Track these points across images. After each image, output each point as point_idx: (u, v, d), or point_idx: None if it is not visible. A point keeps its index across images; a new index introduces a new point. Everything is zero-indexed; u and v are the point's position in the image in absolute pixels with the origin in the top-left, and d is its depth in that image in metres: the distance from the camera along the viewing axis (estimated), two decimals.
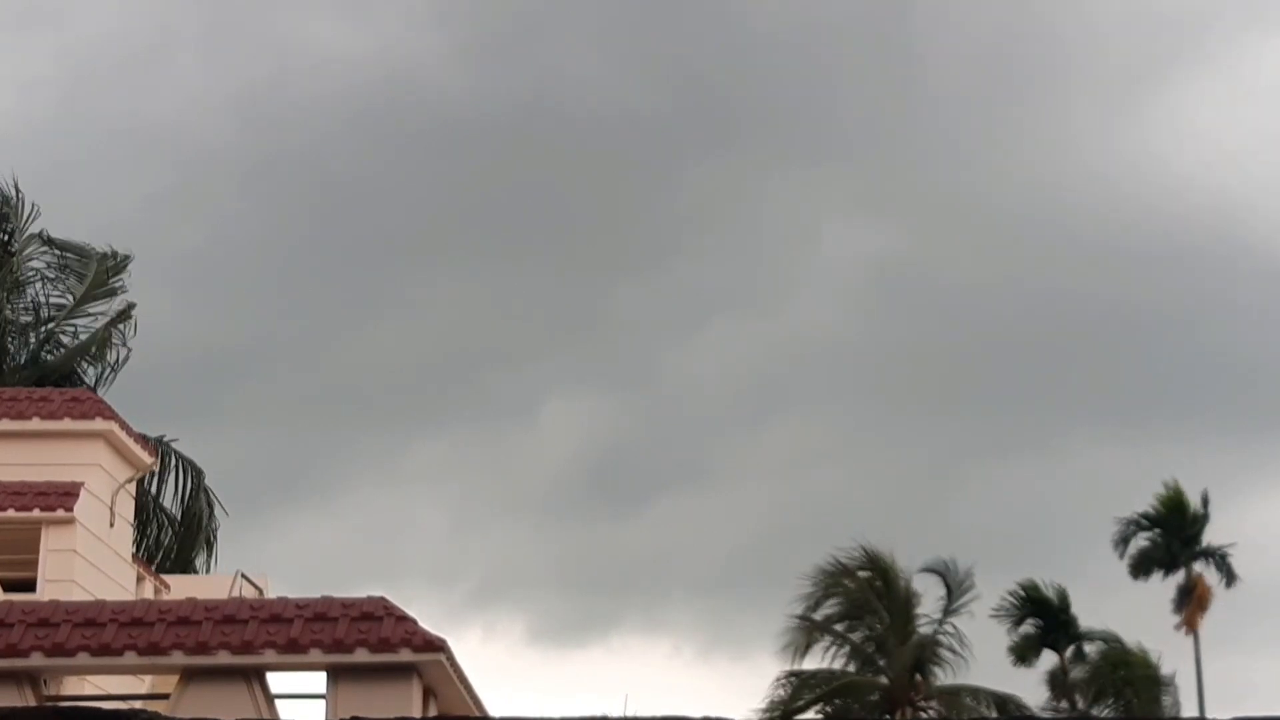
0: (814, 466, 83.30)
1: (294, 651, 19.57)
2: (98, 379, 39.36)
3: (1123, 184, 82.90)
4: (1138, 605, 56.58)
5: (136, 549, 29.99)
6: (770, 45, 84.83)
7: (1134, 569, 55.28)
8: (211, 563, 38.56)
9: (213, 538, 38.75)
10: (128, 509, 27.38)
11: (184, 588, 28.14)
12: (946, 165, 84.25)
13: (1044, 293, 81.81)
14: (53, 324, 39.97)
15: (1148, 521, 55.52)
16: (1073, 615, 50.78)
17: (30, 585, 24.51)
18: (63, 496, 25.13)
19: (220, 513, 38.82)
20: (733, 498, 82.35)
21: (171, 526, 38.28)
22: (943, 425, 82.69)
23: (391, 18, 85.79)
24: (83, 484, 25.43)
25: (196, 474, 38.40)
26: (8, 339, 39.67)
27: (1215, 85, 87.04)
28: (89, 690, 22.04)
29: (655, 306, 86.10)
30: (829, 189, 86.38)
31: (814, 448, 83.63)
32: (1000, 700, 43.25)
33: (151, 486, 37.10)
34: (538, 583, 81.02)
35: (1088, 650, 50.38)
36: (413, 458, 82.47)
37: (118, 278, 40.46)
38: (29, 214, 40.53)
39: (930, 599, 43.93)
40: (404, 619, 19.91)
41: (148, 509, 36.42)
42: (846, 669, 43.48)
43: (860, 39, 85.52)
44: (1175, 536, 54.80)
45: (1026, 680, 50.19)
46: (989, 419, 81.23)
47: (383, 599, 20.24)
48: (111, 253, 40.68)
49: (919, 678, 42.81)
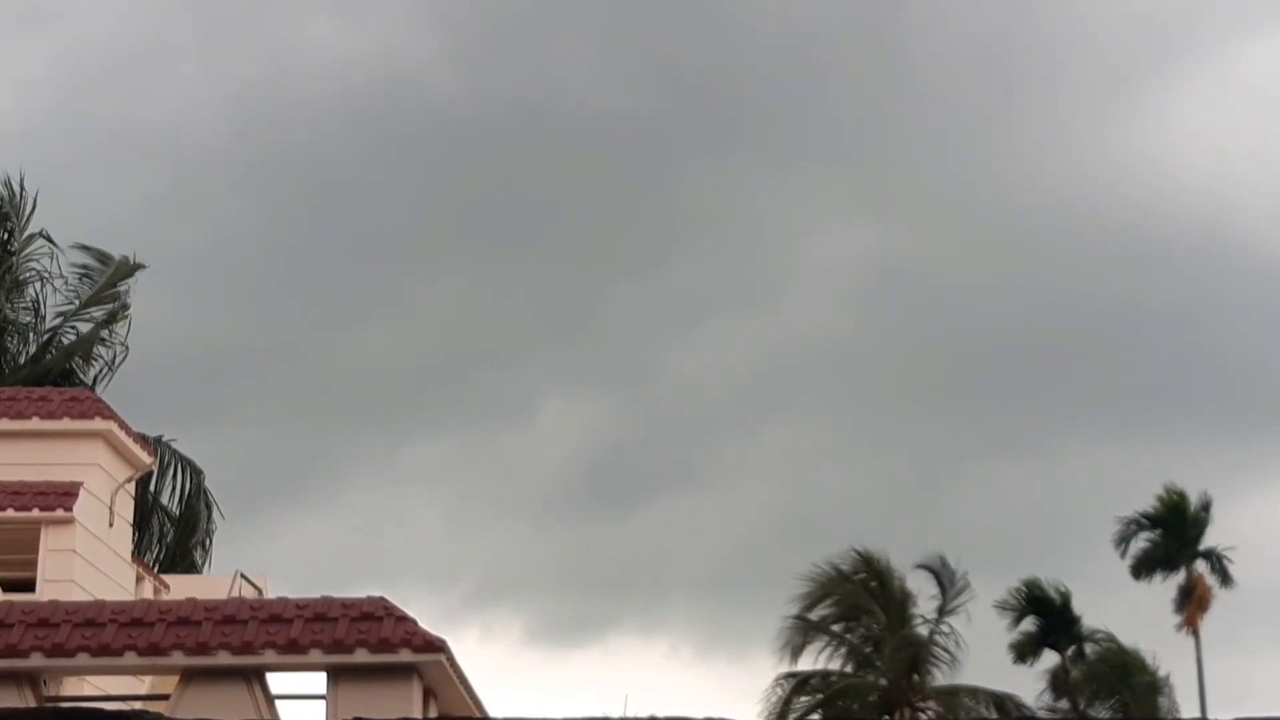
0: (812, 466, 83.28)
1: (294, 652, 19.53)
2: (96, 378, 39.29)
3: (1115, 184, 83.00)
4: (1138, 605, 56.60)
5: (136, 549, 29.90)
6: (765, 46, 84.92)
7: (1135, 569, 55.28)
8: (208, 564, 38.52)
9: (210, 540, 38.71)
10: (127, 509, 27.34)
11: (183, 588, 28.11)
12: (941, 165, 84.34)
13: (1040, 292, 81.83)
14: (60, 320, 39.92)
15: (1148, 522, 55.53)
16: (1074, 614, 50.77)
17: (30, 585, 24.48)
18: (62, 496, 25.09)
19: (218, 515, 38.81)
20: (730, 498, 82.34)
21: (171, 523, 38.22)
22: (940, 425, 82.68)
23: (388, 19, 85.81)
24: (82, 484, 25.39)
25: (196, 474, 38.35)
26: (7, 338, 39.61)
27: (1205, 86, 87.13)
28: (88, 691, 22.00)
29: (652, 306, 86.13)
30: (824, 189, 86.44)
31: (812, 447, 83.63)
32: (998, 699, 43.24)
33: (152, 485, 37.02)
34: (535, 583, 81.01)
35: (1088, 650, 50.39)
36: (410, 458, 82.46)
37: (125, 281, 40.41)
38: (30, 213, 40.51)
39: (926, 599, 43.92)
40: (404, 619, 19.88)
41: (147, 509, 36.35)
42: (844, 669, 43.43)
43: (854, 40, 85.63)
44: (1176, 537, 54.81)
45: (1027, 680, 50.23)
46: (986, 419, 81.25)
47: (383, 599, 20.20)
48: (127, 259, 40.61)
49: (916, 678, 42.75)
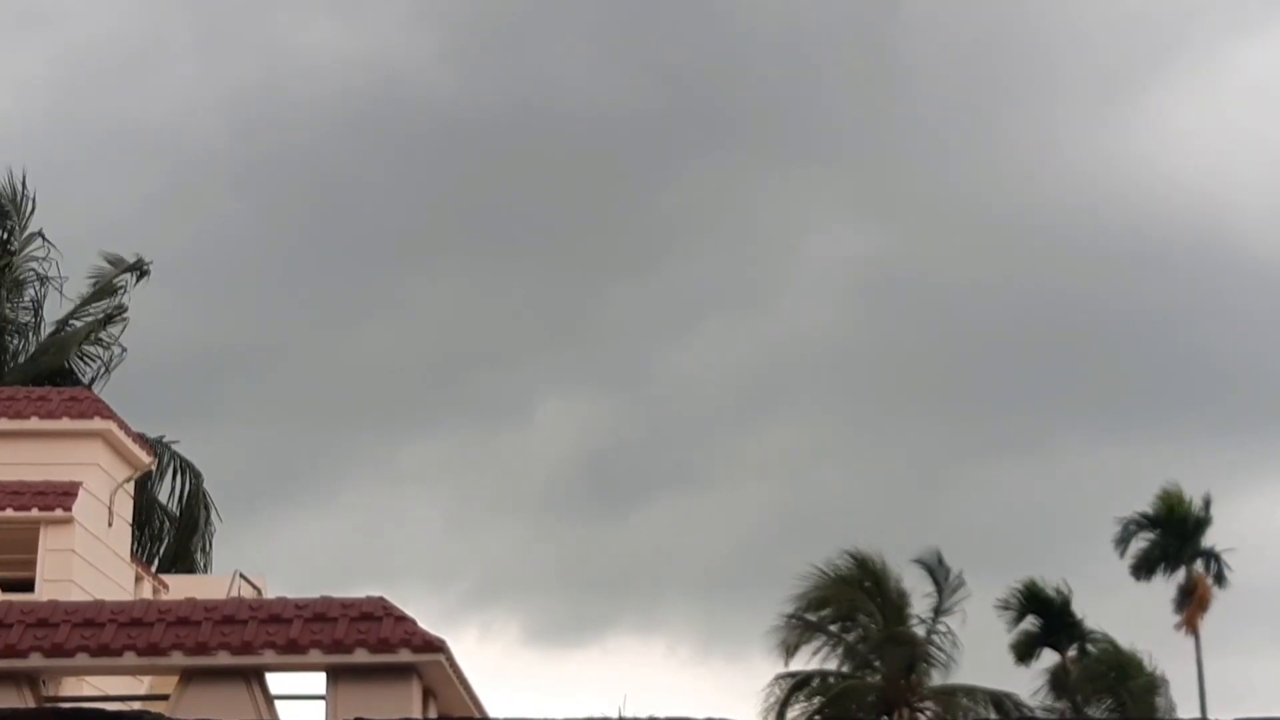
0: (811, 466, 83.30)
1: (293, 652, 19.51)
2: (95, 378, 39.24)
3: (1112, 185, 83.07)
4: (1138, 606, 56.60)
5: (135, 551, 29.87)
6: (763, 46, 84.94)
7: (1135, 569, 55.29)
8: (209, 566, 38.43)
9: (209, 543, 38.66)
10: (126, 509, 27.31)
11: (183, 588, 28.10)
12: (938, 166, 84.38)
13: (1037, 293, 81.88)
14: (60, 321, 39.87)
15: (1147, 522, 55.53)
16: (1074, 614, 50.78)
17: (29, 585, 24.46)
18: (61, 496, 25.07)
19: (216, 518, 38.76)
20: (729, 498, 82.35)
21: (170, 523, 38.17)
22: (938, 425, 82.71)
23: (384, 19, 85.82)
24: (81, 484, 25.38)
25: (195, 477, 38.31)
26: (7, 338, 39.57)
27: (1201, 87, 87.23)
28: (88, 691, 21.98)
29: (649, 306, 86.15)
30: (823, 189, 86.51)
31: (810, 447, 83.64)
32: (996, 698, 43.24)
33: (151, 485, 36.97)
34: (534, 583, 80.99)
35: (1088, 650, 50.40)
36: (408, 458, 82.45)
37: (121, 278, 40.34)
38: (30, 213, 40.47)
39: (922, 599, 43.86)
40: (403, 619, 19.86)
41: (146, 509, 36.30)
42: (841, 669, 43.40)
43: (852, 40, 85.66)
44: (1175, 537, 54.82)
45: (1026, 680, 50.21)
46: (984, 419, 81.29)
47: (382, 599, 20.18)
48: (135, 259, 40.55)
49: (914, 678, 42.73)
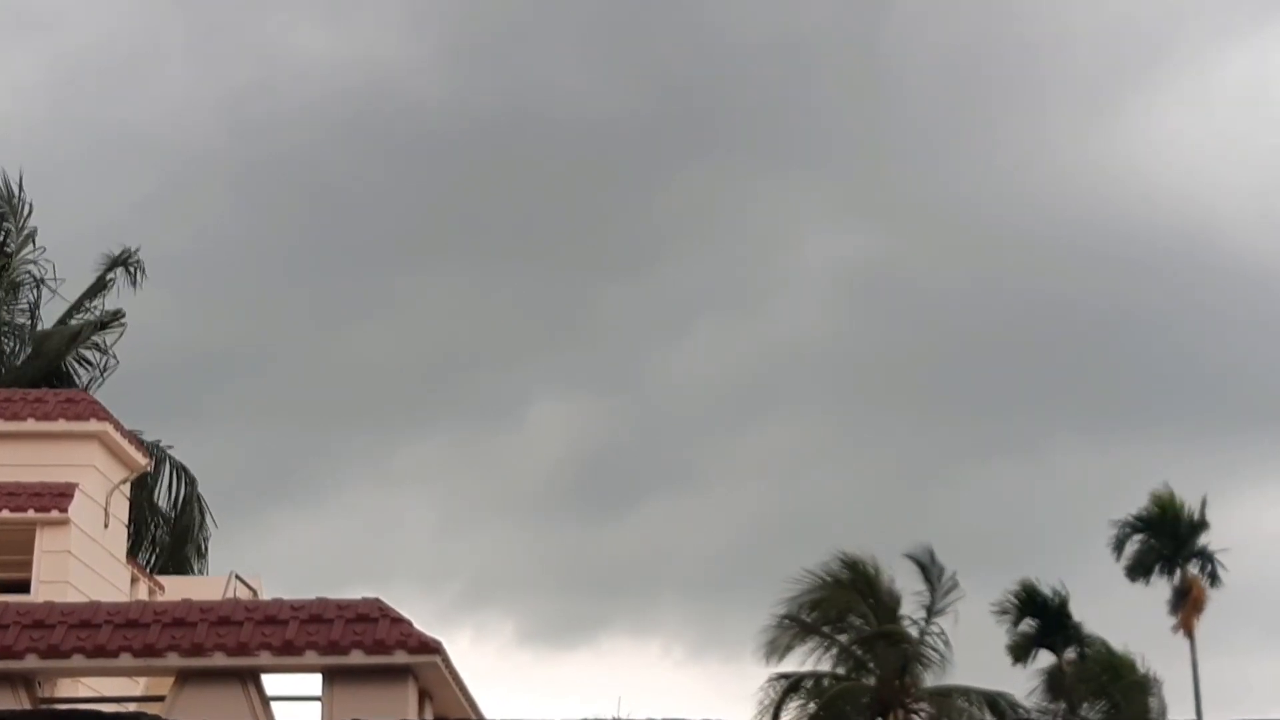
0: (801, 468, 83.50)
1: (289, 653, 19.50)
2: (91, 380, 39.24)
3: (1099, 189, 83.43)
4: (1133, 607, 56.68)
5: (130, 555, 29.86)
6: (753, 51, 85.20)
7: (1129, 571, 55.35)
8: (204, 570, 38.40)
9: (204, 548, 38.64)
10: (122, 510, 27.33)
11: (178, 589, 28.11)
12: (927, 170, 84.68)
13: (1026, 296, 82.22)
14: (64, 318, 39.85)
15: (1141, 524, 55.58)
16: (1070, 615, 50.82)
17: (25, 586, 24.48)
18: (57, 497, 25.09)
19: (211, 523, 38.75)
20: (722, 499, 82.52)
21: (166, 526, 38.16)
22: (930, 427, 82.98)
23: (375, 24, 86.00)
24: (77, 485, 25.40)
25: (190, 481, 38.30)
26: (3, 340, 39.54)
27: (1186, 92, 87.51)
28: (83, 692, 21.99)
29: (642, 308, 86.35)
30: (813, 193, 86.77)
31: (801, 449, 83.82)
32: (991, 699, 43.25)
33: (146, 489, 36.95)
34: (528, 584, 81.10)
35: (1085, 652, 50.47)
36: (402, 459, 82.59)
37: (111, 272, 40.30)
38: (27, 215, 40.44)
39: (914, 602, 43.80)
40: (399, 621, 19.85)
41: (141, 513, 36.29)
42: (835, 670, 43.38)
43: (840, 45, 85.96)
44: (1169, 539, 54.88)
45: (1021, 681, 50.27)
46: (975, 421, 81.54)
47: (378, 600, 20.17)
48: (121, 251, 40.53)
49: (908, 679, 42.72)
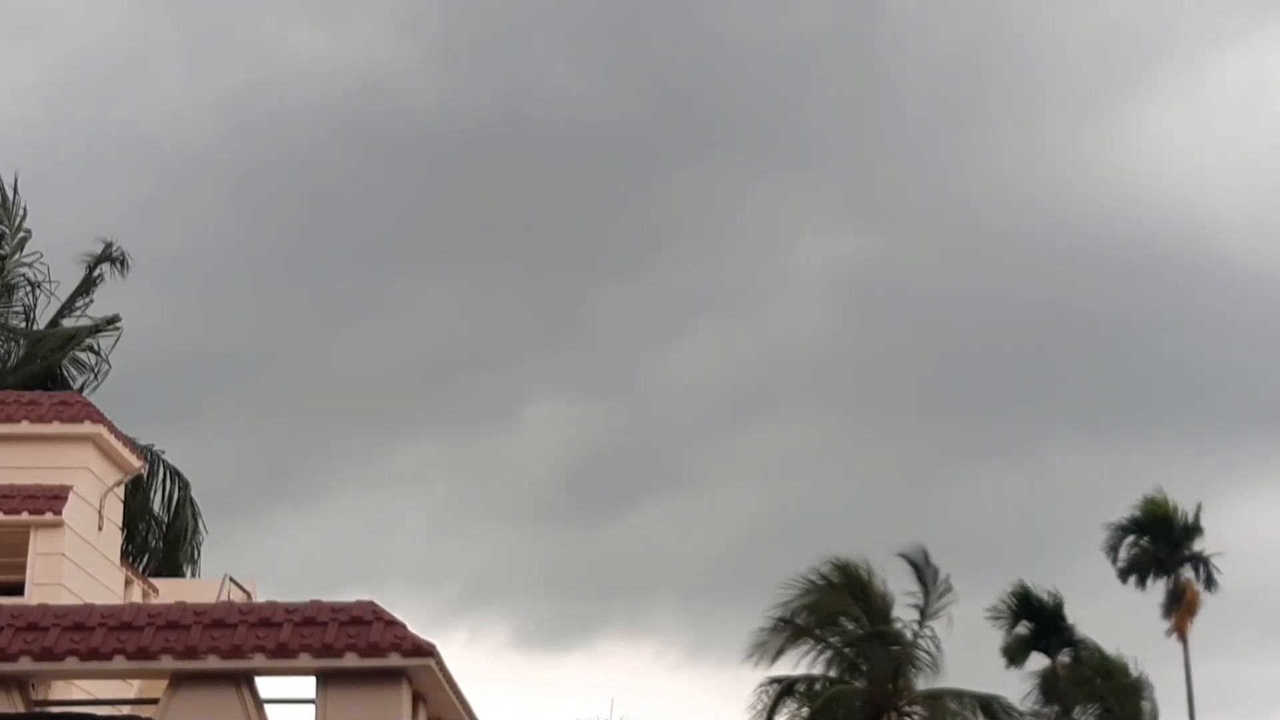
0: (796, 470, 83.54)
1: (283, 656, 19.51)
2: (85, 383, 39.22)
3: (1093, 193, 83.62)
4: (1126, 610, 56.74)
5: (124, 553, 29.87)
6: (748, 55, 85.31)
7: (1123, 574, 55.40)
8: (197, 575, 38.37)
9: (196, 552, 38.63)
10: (116, 512, 27.33)
11: (172, 591, 28.12)
12: (922, 173, 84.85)
13: (1021, 299, 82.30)
14: (56, 318, 39.81)
15: (1136, 527, 55.63)
16: (1065, 618, 50.83)
17: (18, 589, 24.48)
18: (51, 500, 25.08)
19: (203, 527, 38.73)
20: (717, 501, 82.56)
21: (160, 529, 38.14)
22: (925, 429, 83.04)
23: (371, 26, 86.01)
24: (71, 487, 25.39)
25: (184, 485, 38.28)
26: None
27: (1180, 96, 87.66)
28: (77, 695, 22.00)
29: (638, 310, 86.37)
30: (807, 196, 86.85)
31: (796, 452, 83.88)
32: (984, 701, 43.24)
33: (140, 492, 36.91)
34: (523, 586, 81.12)
35: (1080, 655, 50.48)
36: (397, 461, 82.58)
37: (99, 269, 40.26)
38: (21, 218, 40.41)
39: (908, 606, 43.75)
40: (393, 623, 19.86)
41: (135, 517, 36.26)
42: (828, 674, 43.36)
43: (834, 49, 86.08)
44: (1164, 542, 54.93)
45: (1015, 684, 50.29)
46: (971, 424, 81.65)
47: (372, 603, 20.18)
48: (101, 245, 40.51)
49: (901, 682, 42.70)
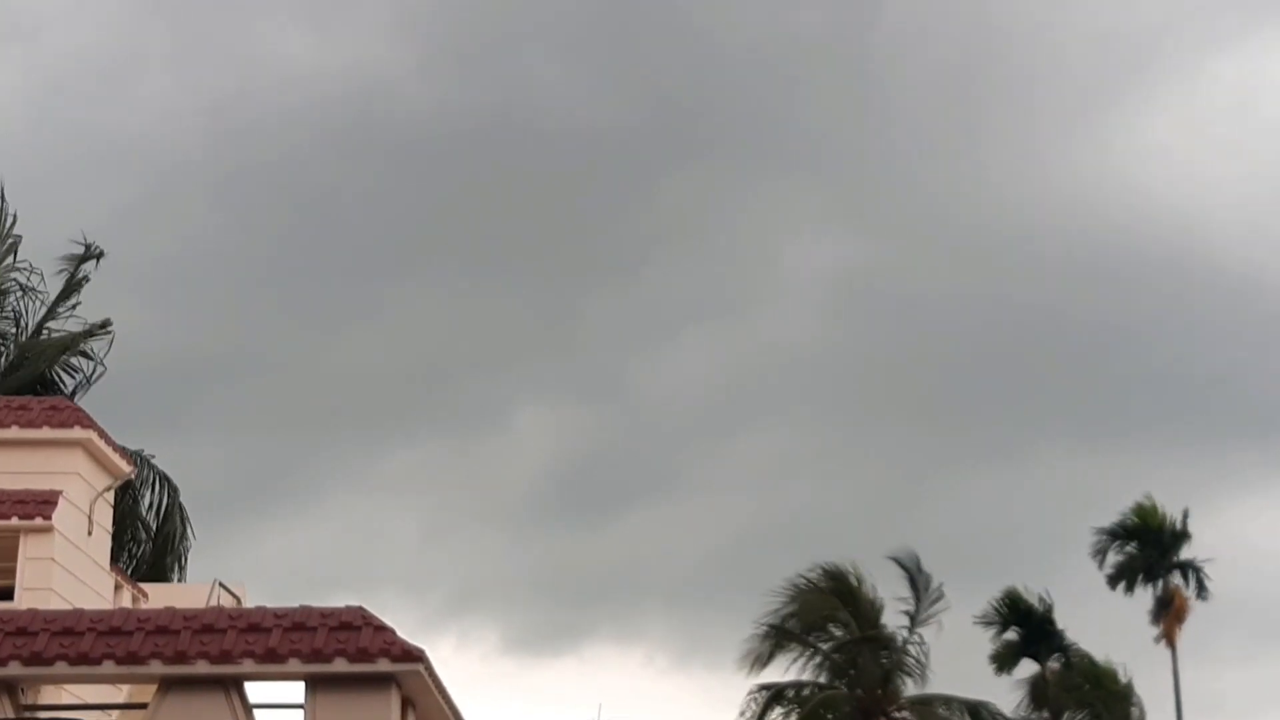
0: (786, 476, 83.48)
1: (272, 661, 19.55)
2: (77, 386, 39.22)
3: (1086, 198, 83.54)
4: (1115, 617, 56.75)
5: (113, 558, 29.88)
6: (740, 60, 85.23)
7: (1112, 580, 55.44)
8: (183, 580, 38.37)
9: (184, 558, 38.64)
10: (106, 518, 27.36)
11: (162, 597, 28.15)
12: (914, 179, 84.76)
13: (1012, 304, 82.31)
14: (42, 321, 39.80)
15: (1124, 533, 55.69)
16: (1055, 624, 50.82)
17: (8, 594, 24.51)
18: (41, 505, 25.12)
19: (191, 533, 38.73)
20: (706, 507, 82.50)
21: (148, 535, 38.14)
22: (915, 436, 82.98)
23: (360, 31, 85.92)
24: (61, 492, 25.42)
25: (173, 491, 38.29)
26: None
27: (1174, 102, 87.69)
28: (66, 699, 22.02)
29: (628, 316, 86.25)
30: (798, 201, 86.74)
31: (786, 458, 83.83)
32: (973, 707, 43.31)
33: (129, 498, 36.92)
34: (512, 592, 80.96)
35: (1070, 661, 50.48)
36: (386, 467, 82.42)
37: (83, 268, 40.27)
38: (10, 225, 40.40)
39: (898, 606, 43.81)
40: (382, 629, 19.91)
41: (124, 522, 36.26)
42: (817, 680, 43.40)
43: (827, 55, 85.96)
44: (1152, 549, 54.98)
45: (1004, 690, 50.29)
46: (960, 430, 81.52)
47: (361, 609, 20.23)
48: (82, 246, 40.53)
49: (890, 688, 42.76)
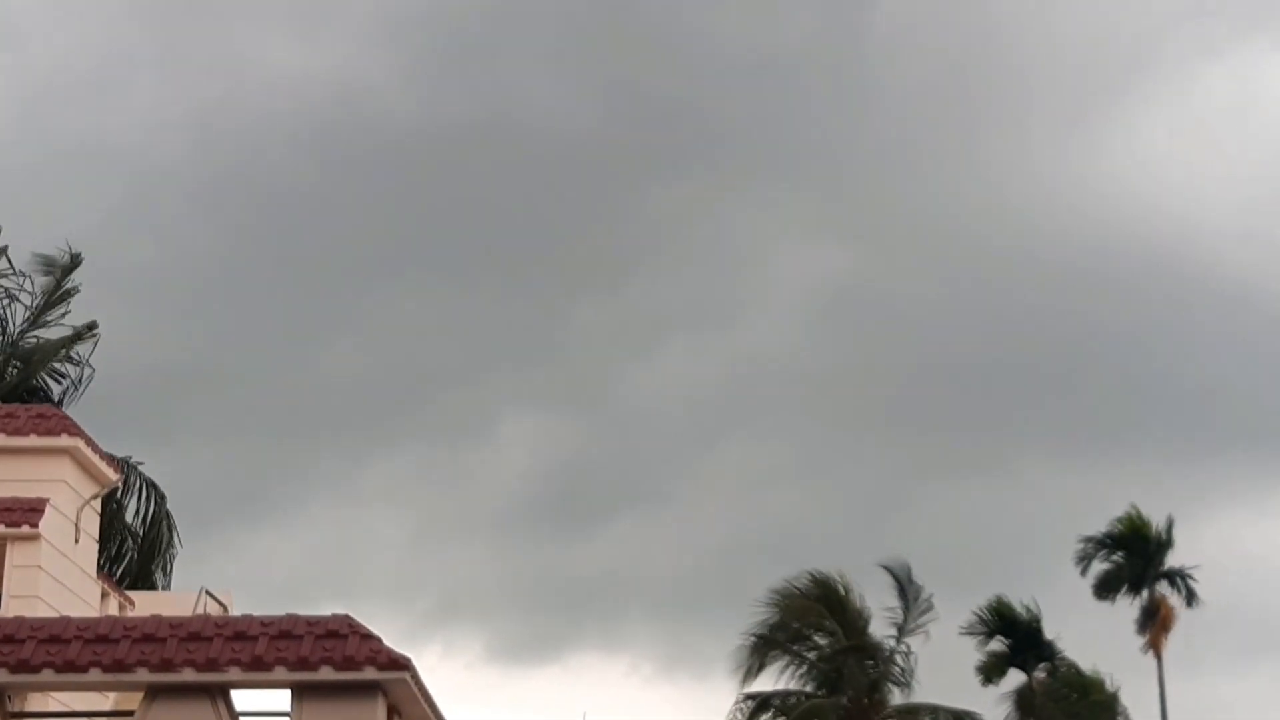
0: (770, 486, 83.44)
1: (259, 669, 19.61)
2: (65, 391, 39.24)
3: (1078, 206, 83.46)
4: (1100, 626, 56.78)
5: (102, 565, 29.93)
6: (727, 66, 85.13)
7: (1097, 590, 55.49)
8: (169, 587, 38.37)
9: (170, 564, 38.65)
10: (93, 525, 27.37)
11: (149, 604, 28.17)
12: (900, 187, 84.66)
13: (1000, 313, 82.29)
14: (26, 330, 39.80)
15: (1111, 542, 55.75)
16: (1043, 634, 50.81)
17: None
18: (28, 512, 25.13)
19: (178, 540, 38.74)
20: (690, 516, 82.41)
21: (135, 542, 38.15)
22: (901, 444, 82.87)
23: (345, 37, 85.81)
24: (48, 500, 25.44)
25: (160, 498, 38.31)
26: None
27: (1168, 107, 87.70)
28: (53, 707, 22.05)
29: (611, 326, 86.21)
30: (784, 210, 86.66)
31: (770, 467, 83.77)
32: (959, 716, 43.40)
33: (116, 504, 36.93)
34: (496, 600, 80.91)
35: (1057, 670, 50.50)
36: (371, 475, 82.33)
37: (69, 276, 40.26)
38: None
39: (886, 615, 43.87)
40: (369, 637, 19.96)
41: (110, 528, 36.26)
42: (804, 689, 43.44)
43: (815, 61, 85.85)
44: (1139, 558, 55.05)
45: (991, 701, 50.33)
46: (947, 439, 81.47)
47: (347, 617, 20.28)
48: (68, 254, 40.51)
49: (877, 697, 42.82)
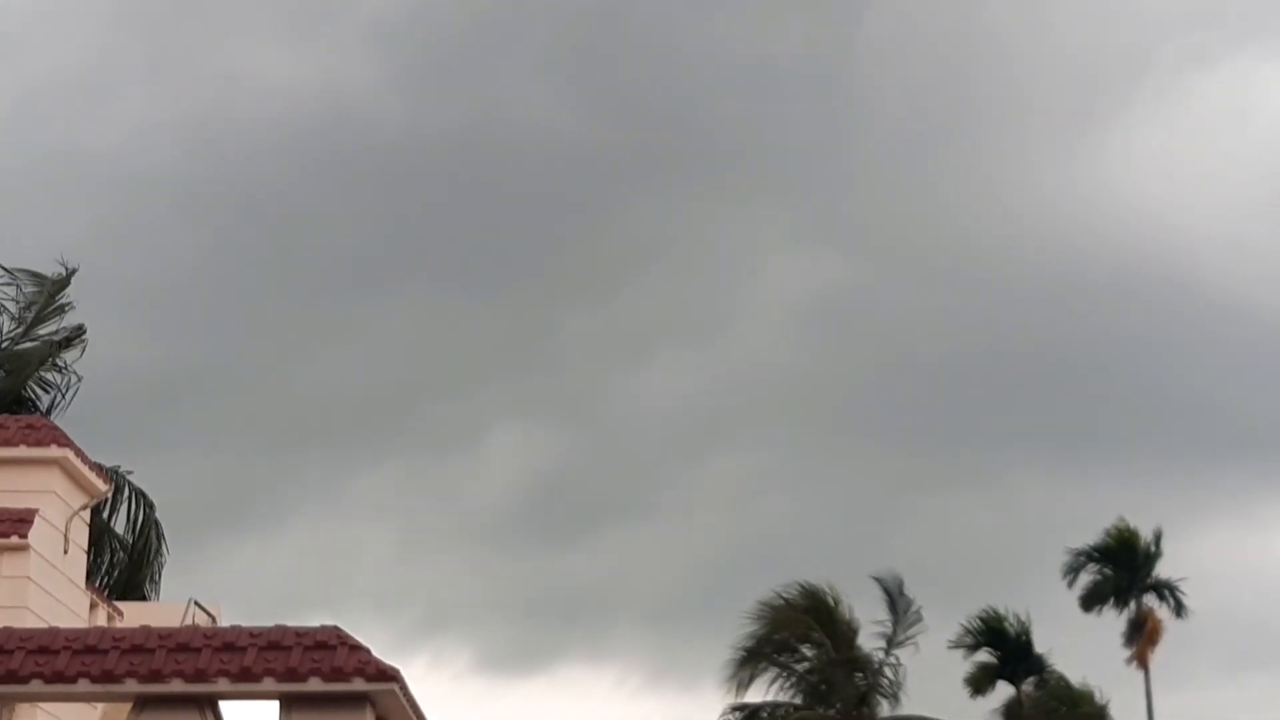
0: (760, 497, 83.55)
1: (247, 680, 19.61)
2: (52, 406, 39.19)
3: (1070, 218, 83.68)
4: (1088, 639, 56.90)
5: (91, 575, 29.93)
6: (716, 79, 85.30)
7: (1084, 602, 55.58)
8: (157, 596, 38.36)
9: (158, 573, 38.62)
10: (82, 536, 27.38)
11: (137, 615, 28.17)
12: (890, 198, 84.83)
13: (989, 324, 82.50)
14: (6, 344, 39.75)
15: (1098, 555, 55.82)
16: (1032, 646, 50.80)
17: None
18: (17, 523, 25.11)
19: (166, 550, 38.70)
20: (679, 527, 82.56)
21: (124, 552, 38.14)
22: (890, 456, 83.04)
23: (334, 47, 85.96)
24: (37, 511, 25.44)
25: (149, 507, 38.30)
26: None
27: (1161, 118, 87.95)
28: (42, 718, 22.07)
29: (600, 336, 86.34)
30: (774, 221, 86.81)
31: (760, 478, 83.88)
32: None
33: (105, 513, 36.92)
34: (484, 611, 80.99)
35: (1046, 682, 50.50)
36: (359, 485, 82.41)
37: (63, 292, 40.23)
38: None
39: (875, 628, 43.92)
40: (357, 648, 19.98)
41: (99, 538, 36.24)
42: (792, 701, 43.47)
43: (805, 72, 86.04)
44: (1126, 571, 55.13)
45: (979, 713, 50.39)
46: (936, 451, 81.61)
47: (336, 628, 20.30)
48: (62, 269, 40.51)
49: (865, 710, 42.86)
